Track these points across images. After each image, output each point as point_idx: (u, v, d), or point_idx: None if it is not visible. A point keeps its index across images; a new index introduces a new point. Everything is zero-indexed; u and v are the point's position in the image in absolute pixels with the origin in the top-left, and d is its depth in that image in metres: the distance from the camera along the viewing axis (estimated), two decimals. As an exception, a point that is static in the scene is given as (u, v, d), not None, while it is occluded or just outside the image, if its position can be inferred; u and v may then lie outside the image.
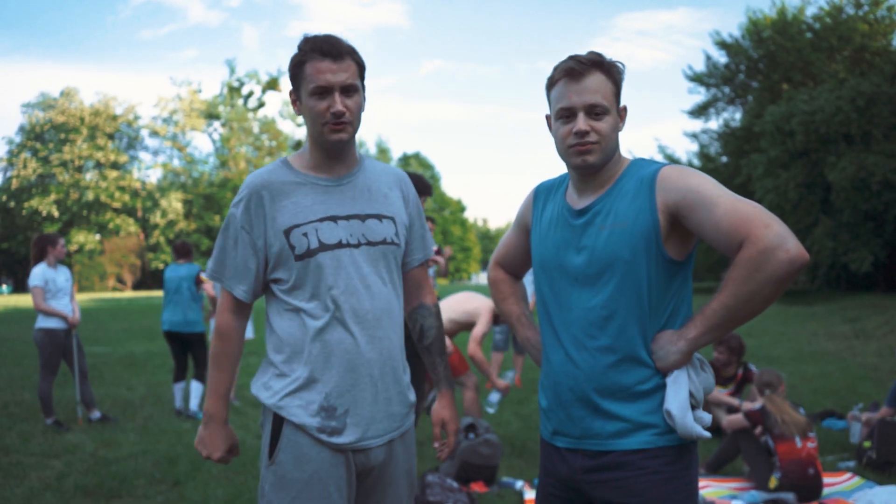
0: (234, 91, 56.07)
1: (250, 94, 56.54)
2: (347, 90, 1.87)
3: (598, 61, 1.80)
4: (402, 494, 2.01)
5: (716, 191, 1.70)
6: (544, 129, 1.93)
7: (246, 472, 4.89)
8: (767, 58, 27.33)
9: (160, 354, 11.41)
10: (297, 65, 1.89)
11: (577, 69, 1.79)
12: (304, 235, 1.89)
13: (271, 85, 56.05)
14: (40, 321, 6.43)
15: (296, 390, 1.88)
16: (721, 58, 29.42)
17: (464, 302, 5.66)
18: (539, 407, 1.97)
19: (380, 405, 1.92)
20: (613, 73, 1.82)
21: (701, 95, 31.35)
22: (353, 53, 1.90)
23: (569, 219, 1.88)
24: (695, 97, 32.99)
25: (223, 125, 56.44)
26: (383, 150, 64.40)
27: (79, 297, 31.91)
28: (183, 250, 7.23)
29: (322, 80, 1.84)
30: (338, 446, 1.88)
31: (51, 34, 79.18)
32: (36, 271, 6.42)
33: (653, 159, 1.91)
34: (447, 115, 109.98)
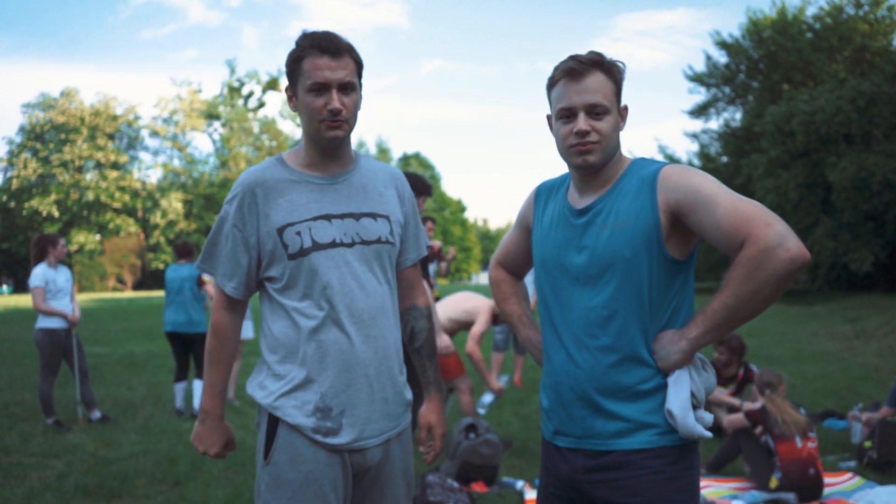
0: (234, 91, 56.09)
1: (250, 94, 56.55)
2: (345, 88, 1.85)
3: (598, 61, 1.80)
4: (399, 494, 2.00)
5: (717, 190, 1.70)
6: (545, 128, 1.93)
7: (246, 471, 4.89)
8: (768, 58, 27.34)
9: (160, 354, 11.40)
10: (295, 60, 1.86)
11: (577, 69, 1.79)
12: (298, 234, 1.87)
13: (271, 85, 56.06)
14: (40, 321, 6.44)
15: (291, 391, 1.87)
16: (721, 58, 29.44)
17: (463, 301, 5.67)
18: (540, 407, 1.97)
19: (376, 405, 1.91)
20: (614, 72, 1.82)
21: (701, 95, 31.40)
22: (351, 51, 1.88)
23: (570, 218, 1.87)
24: (695, 97, 33.09)
25: (223, 125, 56.44)
26: (383, 151, 64.39)
27: (79, 297, 31.91)
28: (184, 250, 7.23)
29: (320, 77, 1.82)
30: (333, 447, 1.86)
31: (51, 34, 79.32)
32: (36, 271, 6.42)
33: (654, 159, 1.91)
34: (447, 115, 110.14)
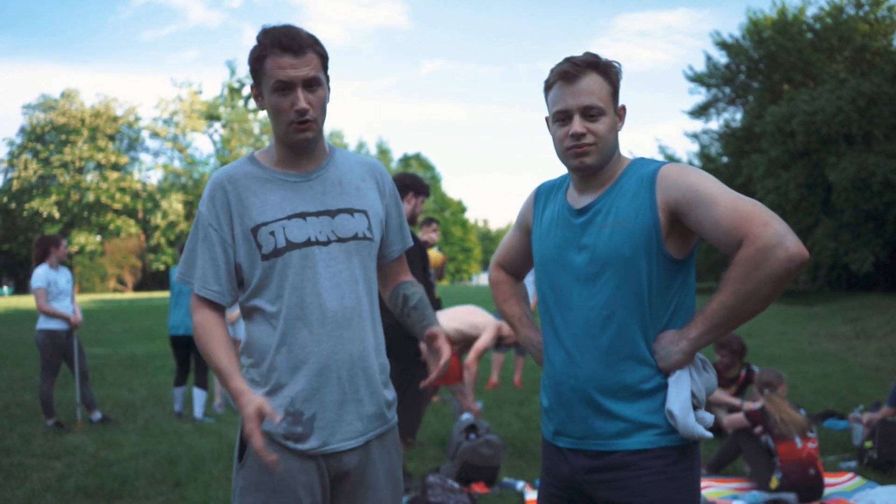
0: (234, 92, 56.11)
1: (251, 94, 56.64)
2: (310, 84, 1.79)
3: (593, 62, 1.80)
4: (383, 497, 1.93)
5: (716, 189, 1.70)
6: (545, 129, 1.93)
7: (247, 472, 4.89)
8: (768, 58, 27.35)
9: (161, 356, 11.41)
10: (257, 59, 1.81)
11: (571, 71, 1.79)
12: (272, 234, 1.82)
13: (272, 86, 56.06)
14: (41, 322, 6.44)
15: (263, 396, 1.82)
16: (721, 58, 29.47)
17: (471, 314, 5.72)
18: (540, 407, 1.97)
19: (349, 407, 1.85)
20: (610, 73, 1.81)
21: (701, 96, 31.44)
22: (314, 45, 1.81)
23: (569, 218, 1.87)
24: (695, 97, 33.04)
25: (224, 126, 56.48)
26: (384, 151, 64.38)
27: (79, 298, 31.92)
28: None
29: (283, 76, 1.77)
30: (304, 452, 1.82)
31: (51, 35, 79.28)
32: (38, 272, 6.43)
33: (653, 159, 1.91)
34: (447, 116, 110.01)
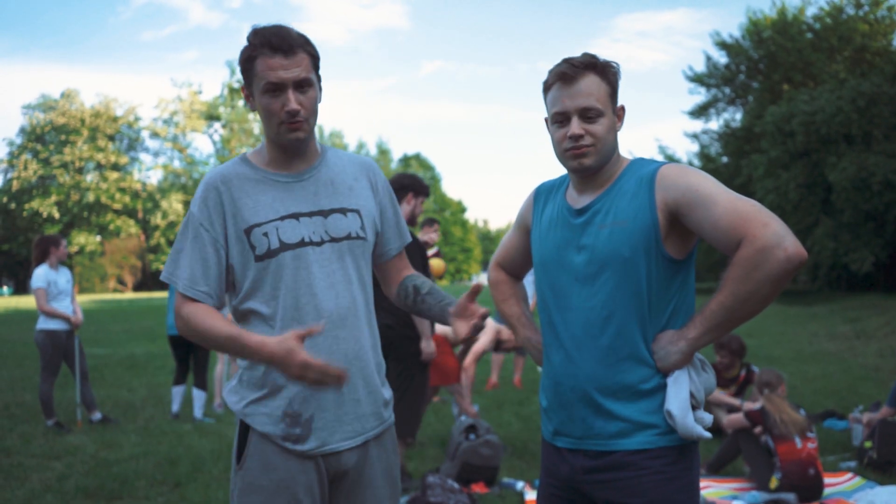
0: (234, 92, 56.11)
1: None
2: (301, 85, 1.78)
3: (591, 63, 1.80)
4: (381, 496, 1.93)
5: (715, 189, 1.70)
6: (545, 129, 1.93)
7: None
8: (768, 58, 27.36)
9: (161, 356, 11.41)
10: (248, 60, 1.79)
11: (569, 73, 1.79)
12: (265, 235, 1.81)
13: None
14: (41, 322, 6.44)
15: (261, 398, 1.83)
16: (721, 58, 29.48)
17: None
18: (540, 407, 1.97)
19: (347, 407, 1.85)
20: (608, 73, 1.82)
21: (701, 96, 31.45)
22: (305, 45, 1.80)
23: (569, 218, 1.88)
24: (695, 98, 33.04)
25: (224, 126, 56.50)
26: (384, 151, 64.35)
27: (79, 298, 31.92)
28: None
29: (274, 77, 1.75)
30: (303, 453, 1.82)
31: (51, 35, 79.30)
32: (38, 273, 6.43)
33: (653, 159, 1.91)
34: (447, 116, 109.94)
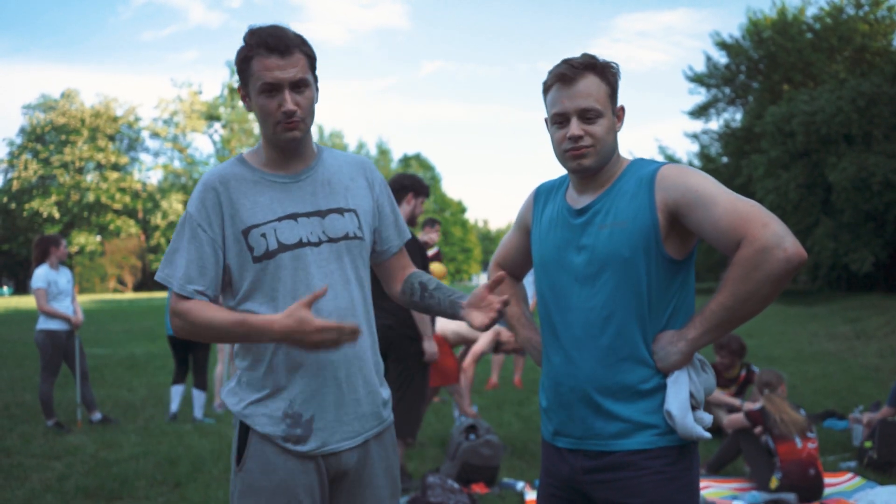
0: (234, 92, 56.10)
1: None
2: (297, 86, 1.78)
3: (590, 64, 1.80)
4: (381, 495, 1.94)
5: (715, 190, 1.71)
6: (545, 129, 1.93)
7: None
8: (768, 58, 27.37)
9: (161, 356, 11.40)
10: (244, 60, 1.79)
11: (568, 74, 1.79)
12: (263, 236, 1.81)
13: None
14: (41, 322, 6.44)
15: (261, 399, 1.83)
16: (721, 58, 29.49)
17: None
18: (540, 407, 1.97)
19: (347, 407, 1.85)
20: (607, 74, 1.82)
21: (701, 96, 31.45)
22: (301, 45, 1.80)
23: (569, 218, 1.88)
24: (695, 98, 33.06)
25: (224, 126, 56.49)
26: (384, 152, 64.30)
27: (79, 298, 31.91)
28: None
29: (270, 78, 1.75)
30: (303, 454, 1.82)
31: (51, 35, 79.24)
32: (38, 273, 6.43)
33: (653, 159, 1.91)
34: (447, 116, 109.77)
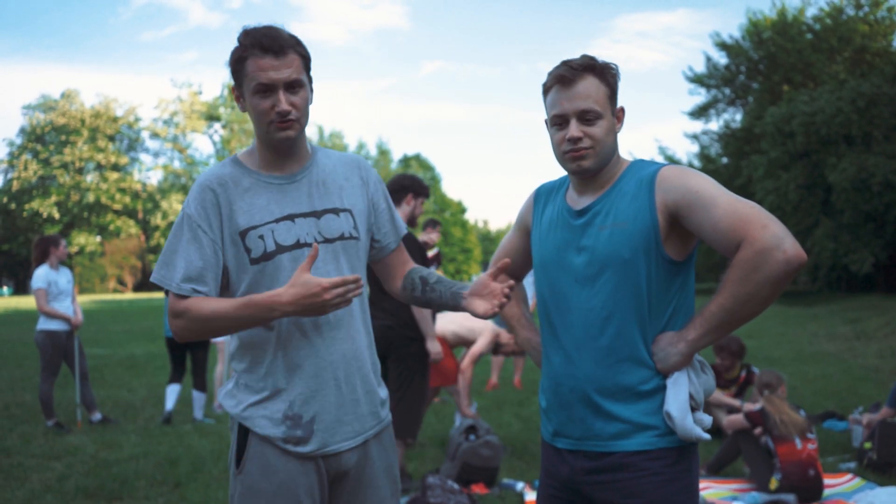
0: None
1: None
2: (292, 86, 1.78)
3: (589, 65, 1.80)
4: (382, 495, 1.94)
5: (715, 191, 1.71)
6: (545, 130, 1.93)
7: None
8: (768, 59, 27.38)
9: (161, 356, 11.40)
10: (238, 61, 1.79)
11: (567, 75, 1.79)
12: (261, 238, 1.81)
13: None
14: (41, 323, 6.44)
15: (260, 401, 1.82)
16: (721, 59, 29.51)
17: (470, 318, 5.69)
18: (540, 408, 1.97)
19: (347, 407, 1.85)
20: (607, 75, 1.82)
21: (701, 97, 31.46)
22: (296, 46, 1.80)
23: (569, 219, 1.88)
24: (695, 98, 33.18)
25: (224, 127, 56.48)
26: (384, 152, 64.27)
27: (79, 298, 31.92)
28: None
29: (264, 78, 1.75)
30: (304, 455, 1.82)
31: (51, 35, 79.21)
32: (38, 273, 6.43)
33: (653, 160, 1.91)
34: (447, 116, 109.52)
